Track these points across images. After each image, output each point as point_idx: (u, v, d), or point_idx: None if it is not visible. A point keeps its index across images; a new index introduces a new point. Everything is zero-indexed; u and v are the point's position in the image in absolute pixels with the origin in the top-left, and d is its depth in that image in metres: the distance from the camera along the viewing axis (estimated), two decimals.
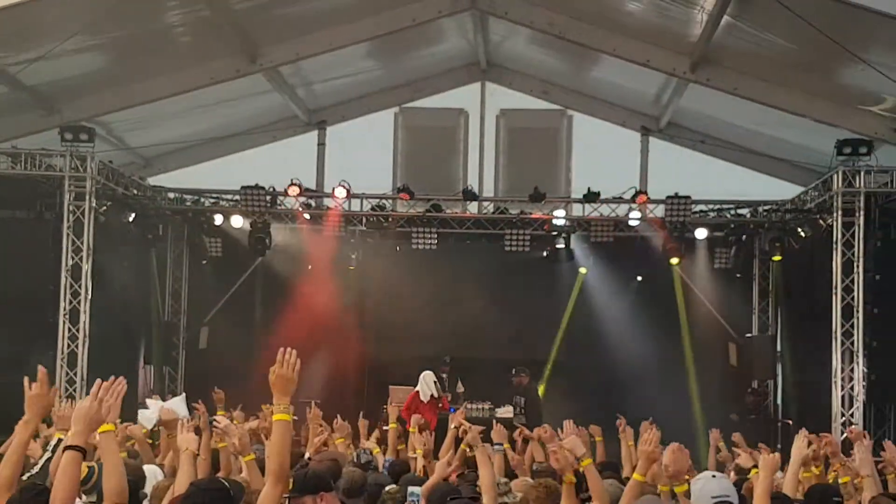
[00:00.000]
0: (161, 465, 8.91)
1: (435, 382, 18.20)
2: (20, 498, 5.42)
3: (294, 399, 5.42)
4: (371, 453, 10.71)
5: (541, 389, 20.54)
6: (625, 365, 20.43)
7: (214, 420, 8.66)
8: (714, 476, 6.23)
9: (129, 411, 12.86)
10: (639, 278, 21.08)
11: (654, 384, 20.23)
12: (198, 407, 9.93)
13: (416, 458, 10.22)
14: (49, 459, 7.18)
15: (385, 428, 12.64)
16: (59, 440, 7.24)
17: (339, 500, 6.55)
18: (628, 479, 9.38)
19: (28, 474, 6.95)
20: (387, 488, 7.63)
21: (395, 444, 11.39)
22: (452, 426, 10.65)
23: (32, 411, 5.90)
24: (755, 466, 8.36)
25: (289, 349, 5.36)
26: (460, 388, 19.76)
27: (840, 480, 7.12)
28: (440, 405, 17.83)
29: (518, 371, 19.27)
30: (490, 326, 21.07)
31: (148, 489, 7.55)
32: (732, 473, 9.46)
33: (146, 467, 8.65)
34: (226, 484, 5.73)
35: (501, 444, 10.04)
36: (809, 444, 7.62)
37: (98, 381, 5.38)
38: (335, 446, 10.81)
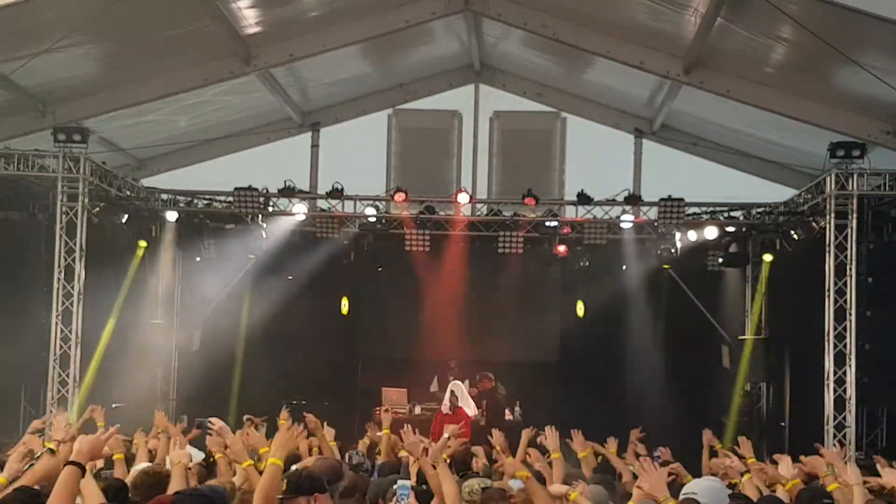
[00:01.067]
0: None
1: (452, 392, 18.24)
2: (14, 497, 5.50)
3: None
4: (363, 455, 10.71)
5: None
6: (616, 366, 20.46)
7: (209, 422, 8.63)
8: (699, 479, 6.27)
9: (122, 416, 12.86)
10: (623, 266, 21.00)
11: (644, 386, 20.34)
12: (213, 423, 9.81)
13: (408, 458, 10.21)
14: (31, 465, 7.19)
15: (379, 434, 12.59)
16: (49, 450, 7.26)
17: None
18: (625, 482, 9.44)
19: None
20: (398, 483, 7.66)
21: (388, 450, 11.35)
22: (446, 435, 10.67)
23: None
24: (747, 471, 8.38)
25: (296, 424, 6.44)
26: (471, 392, 19.78)
27: (828, 488, 7.13)
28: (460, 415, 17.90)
29: (482, 376, 19.27)
30: (482, 328, 21.07)
31: None
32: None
33: (140, 465, 8.66)
34: (206, 492, 5.85)
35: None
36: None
37: (116, 428, 6.12)
38: (329, 450, 10.80)
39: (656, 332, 20.91)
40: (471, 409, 18.45)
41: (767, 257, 20.01)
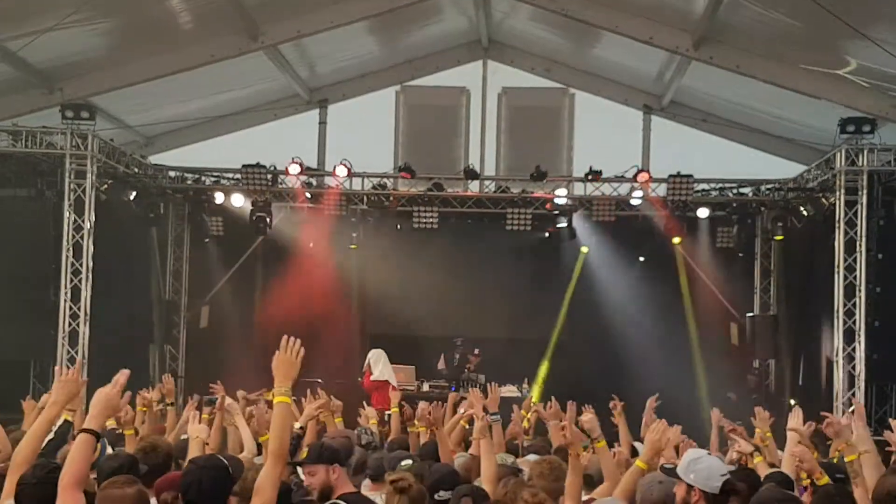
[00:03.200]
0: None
1: (368, 360, 18.08)
2: (33, 474, 5.49)
3: (296, 380, 5.50)
4: (372, 433, 10.70)
5: (543, 369, 20.61)
6: (627, 344, 20.38)
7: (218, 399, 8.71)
8: (709, 454, 6.19)
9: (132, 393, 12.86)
10: (641, 258, 20.97)
11: (656, 363, 20.25)
12: (215, 388, 9.81)
13: (418, 434, 10.20)
14: (51, 441, 7.23)
15: (387, 412, 12.58)
16: (66, 421, 7.31)
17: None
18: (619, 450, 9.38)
19: None
20: (402, 463, 7.64)
21: (399, 428, 11.31)
22: (463, 410, 10.58)
23: (61, 395, 6.06)
24: (756, 449, 8.33)
25: (292, 337, 5.45)
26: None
27: (846, 458, 7.05)
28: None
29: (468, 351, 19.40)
30: (490, 305, 21.08)
31: None
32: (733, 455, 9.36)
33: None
34: (223, 461, 5.74)
35: (498, 414, 9.96)
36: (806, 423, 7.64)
37: (125, 371, 5.60)
38: (333, 425, 10.79)
39: (664, 309, 20.84)
40: (378, 375, 18.26)
41: (777, 234, 19.95)
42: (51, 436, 7.43)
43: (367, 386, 17.84)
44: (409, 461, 7.92)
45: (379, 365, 18.26)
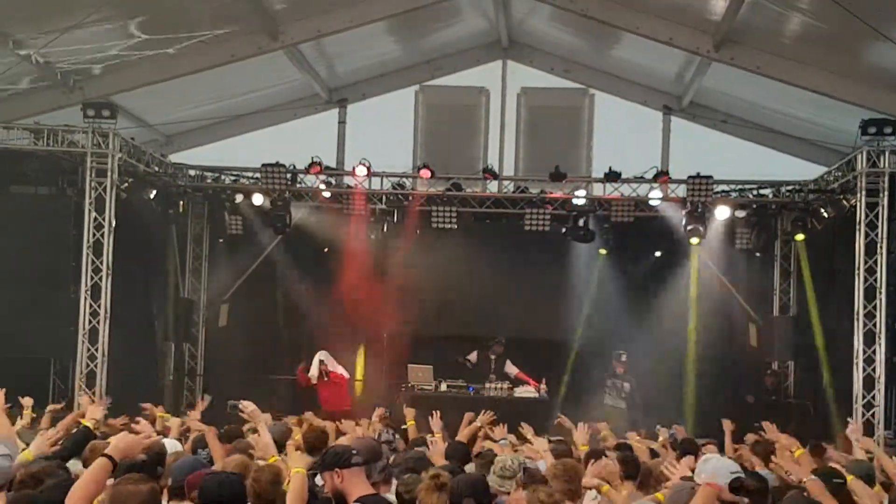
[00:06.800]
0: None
1: (321, 361, 18.16)
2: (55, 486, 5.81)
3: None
4: (394, 435, 10.73)
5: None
6: (642, 347, 20.34)
7: (240, 405, 8.56)
8: (722, 456, 6.28)
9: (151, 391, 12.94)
10: (657, 253, 20.87)
11: (670, 365, 20.28)
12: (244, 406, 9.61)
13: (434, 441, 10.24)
14: (65, 445, 7.40)
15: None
16: (84, 427, 7.50)
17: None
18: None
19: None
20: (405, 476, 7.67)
21: (415, 439, 11.34)
22: (477, 423, 10.61)
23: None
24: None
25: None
26: (511, 370, 19.79)
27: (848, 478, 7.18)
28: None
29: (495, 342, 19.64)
30: (509, 305, 21.03)
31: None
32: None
33: (166, 441, 8.74)
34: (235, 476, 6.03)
35: (505, 440, 10.15)
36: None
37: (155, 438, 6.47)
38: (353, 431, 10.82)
39: (683, 309, 20.78)
40: (341, 371, 18.68)
41: (799, 236, 19.87)
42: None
43: (338, 379, 18.12)
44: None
45: (338, 365, 18.52)
